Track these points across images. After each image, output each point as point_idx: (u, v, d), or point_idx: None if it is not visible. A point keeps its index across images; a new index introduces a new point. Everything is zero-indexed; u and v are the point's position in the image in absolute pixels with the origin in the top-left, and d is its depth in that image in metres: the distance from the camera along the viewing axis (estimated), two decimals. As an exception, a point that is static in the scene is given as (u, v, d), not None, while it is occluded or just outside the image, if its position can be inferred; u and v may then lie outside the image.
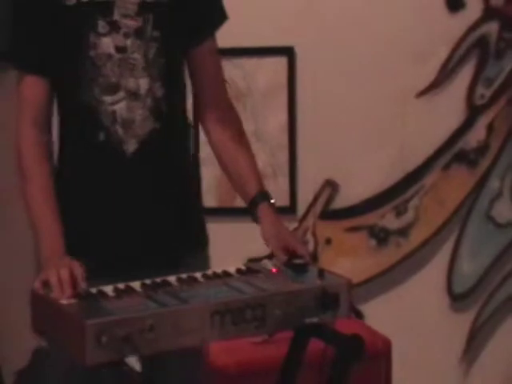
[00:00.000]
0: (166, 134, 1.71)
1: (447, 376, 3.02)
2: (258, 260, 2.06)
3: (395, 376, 2.52)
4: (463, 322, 3.00)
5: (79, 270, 1.53)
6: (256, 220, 1.75)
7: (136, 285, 1.59)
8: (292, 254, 1.69)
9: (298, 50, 2.97)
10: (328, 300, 1.57)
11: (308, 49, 2.97)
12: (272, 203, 1.76)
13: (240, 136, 1.80)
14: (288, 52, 2.97)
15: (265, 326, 1.54)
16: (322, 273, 1.62)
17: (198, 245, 1.82)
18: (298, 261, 1.68)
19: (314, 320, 1.57)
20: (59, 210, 1.68)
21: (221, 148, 1.79)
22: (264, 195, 1.75)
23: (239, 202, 2.98)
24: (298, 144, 2.99)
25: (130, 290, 1.56)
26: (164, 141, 1.71)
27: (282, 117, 2.96)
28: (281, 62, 2.97)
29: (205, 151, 2.92)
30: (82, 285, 1.52)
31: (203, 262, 1.79)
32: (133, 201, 1.71)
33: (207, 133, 1.81)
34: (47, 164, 1.69)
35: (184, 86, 1.78)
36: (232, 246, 2.85)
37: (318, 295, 1.57)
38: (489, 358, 3.01)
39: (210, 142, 1.82)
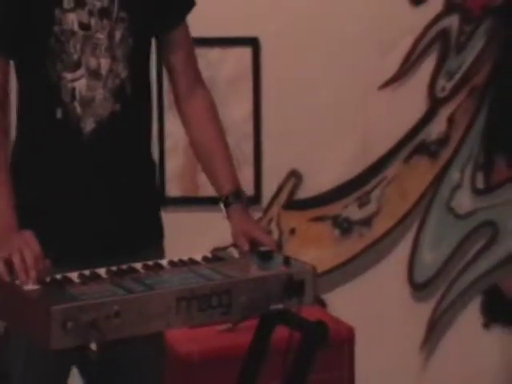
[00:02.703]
0: (126, 117, 1.69)
1: (408, 364, 3.06)
2: (223, 249, 2.07)
3: (358, 363, 2.55)
4: (424, 310, 3.05)
5: (38, 248, 1.51)
6: (227, 217, 1.76)
7: (101, 271, 1.59)
8: (257, 243, 1.70)
9: (262, 41, 2.97)
10: (293, 287, 1.58)
11: (272, 39, 2.97)
12: (244, 202, 1.76)
13: (213, 112, 1.80)
14: (252, 42, 2.98)
15: (231, 313, 1.55)
16: (287, 260, 1.64)
17: (152, 236, 1.80)
18: (263, 248, 1.70)
19: (280, 307, 1.58)
20: (14, 186, 1.65)
21: (193, 124, 1.79)
22: (237, 195, 1.76)
23: (203, 192, 3.02)
24: (262, 134, 3.00)
25: (95, 277, 1.56)
26: (124, 124, 1.69)
27: (247, 107, 2.96)
28: (245, 52, 2.98)
29: (169, 140, 2.94)
30: (45, 264, 1.51)
31: (158, 254, 1.77)
32: (87, 182, 1.69)
33: (180, 110, 1.80)
34: (4, 139, 1.67)
35: (149, 69, 1.77)
36: (196, 235, 2.85)
37: (284, 282, 1.58)
38: (448, 346, 3.06)
39: (183, 118, 1.80)
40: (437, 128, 3.01)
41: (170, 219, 1.97)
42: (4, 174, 1.64)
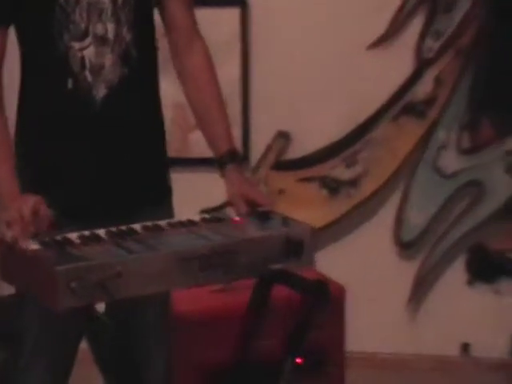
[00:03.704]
0: (134, 81, 1.69)
1: (395, 320, 3.12)
2: (211, 210, 2.08)
3: (348, 321, 2.60)
4: (410, 268, 3.10)
5: (43, 205, 1.53)
6: (222, 176, 1.77)
7: (101, 232, 1.59)
8: (254, 204, 1.71)
9: (251, 2, 2.96)
10: (293, 246, 1.60)
11: (261, 1, 2.96)
12: (240, 163, 1.77)
13: (211, 69, 1.79)
14: (241, 3, 2.96)
15: (231, 273, 1.56)
16: (286, 220, 1.65)
17: (163, 195, 1.82)
18: (261, 209, 1.71)
19: (279, 266, 1.60)
20: (20, 157, 1.66)
21: (190, 81, 1.78)
22: (233, 156, 1.76)
23: (191, 153, 3.01)
24: (251, 95, 3.00)
25: (95, 237, 1.56)
26: (133, 87, 1.69)
27: (236, 68, 2.96)
28: (234, 13, 2.96)
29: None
30: (48, 218, 1.52)
31: (167, 213, 1.79)
32: (101, 148, 1.70)
33: (177, 65, 1.79)
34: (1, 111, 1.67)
35: (154, 31, 1.77)
36: (185, 196, 2.85)
37: (283, 242, 1.60)
38: (433, 302, 3.12)
39: (180, 74, 1.79)
40: (424, 88, 3.03)
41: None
42: (7, 145, 1.65)
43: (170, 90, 1.94)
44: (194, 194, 2.89)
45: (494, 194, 3.06)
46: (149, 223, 1.64)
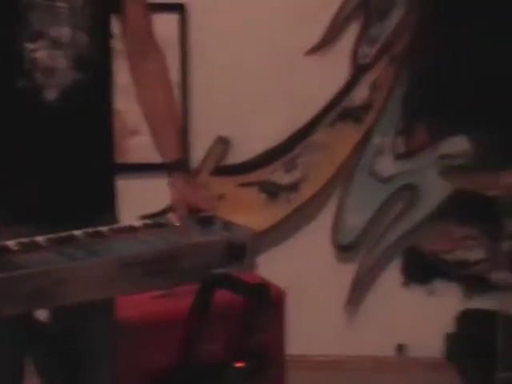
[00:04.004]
0: (89, 85, 1.69)
1: (334, 322, 3.17)
2: (152, 216, 2.08)
3: (288, 324, 2.62)
4: (348, 271, 3.15)
5: None
6: (169, 182, 1.78)
7: (41, 239, 1.57)
8: (196, 209, 1.72)
9: (189, 7, 2.96)
10: (235, 251, 1.61)
11: (199, 7, 2.97)
12: (187, 171, 1.78)
13: (165, 76, 1.80)
14: (179, 9, 2.96)
15: (174, 278, 1.57)
16: (228, 225, 1.67)
17: (109, 201, 1.82)
18: (203, 214, 1.72)
19: (222, 271, 1.61)
20: None
21: (144, 87, 1.79)
22: (181, 164, 1.77)
23: (129, 158, 2.99)
24: (190, 100, 3.00)
25: (35, 245, 1.55)
26: (87, 92, 1.69)
27: (175, 73, 2.96)
28: (172, 18, 2.96)
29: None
30: None
31: (112, 219, 1.79)
32: (48, 150, 1.68)
33: (132, 69, 1.79)
34: None
35: (111, 37, 1.76)
36: (124, 201, 2.84)
37: (225, 246, 1.61)
38: (370, 304, 3.17)
39: (135, 79, 1.80)
40: (360, 94, 3.08)
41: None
42: None
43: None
44: (134, 199, 2.87)
45: (428, 198, 3.14)
46: (90, 229, 1.64)
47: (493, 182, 2.54)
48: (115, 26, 1.79)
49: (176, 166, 1.76)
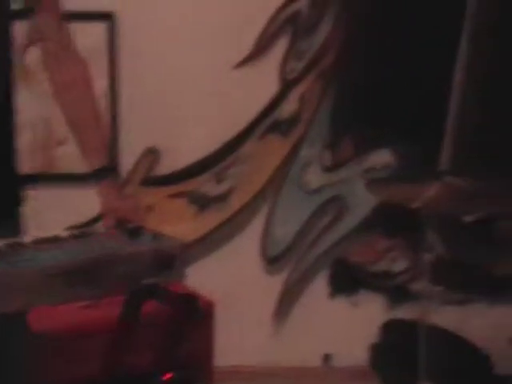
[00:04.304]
0: None
1: (262, 333, 3.18)
2: (80, 227, 2.06)
3: (216, 335, 2.63)
4: (276, 283, 3.18)
5: None
6: (96, 191, 1.76)
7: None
8: (124, 220, 1.72)
9: (118, 16, 2.95)
10: (163, 261, 1.62)
11: (128, 15, 2.96)
12: (113, 178, 1.77)
13: (87, 82, 1.78)
14: (107, 17, 2.95)
15: (100, 289, 1.56)
16: (156, 236, 1.67)
17: (11, 208, 1.78)
18: (131, 225, 1.72)
19: (150, 282, 1.61)
20: None
21: (64, 90, 1.76)
22: (107, 171, 1.76)
23: (56, 168, 2.96)
24: (119, 110, 2.98)
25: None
26: None
27: (103, 83, 2.94)
28: (100, 27, 2.94)
29: (22, 116, 2.86)
30: None
31: (14, 226, 1.75)
32: None
33: (52, 74, 1.77)
34: None
35: (11, 44, 1.73)
36: (50, 211, 2.80)
37: (154, 257, 1.61)
38: (297, 315, 3.21)
39: (55, 83, 1.77)
40: (289, 107, 3.13)
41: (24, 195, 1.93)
42: None
43: (33, 104, 1.90)
44: (60, 209, 2.84)
45: (354, 209, 3.19)
46: (10, 240, 1.61)
47: (415, 194, 2.60)
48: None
49: (102, 174, 1.75)
